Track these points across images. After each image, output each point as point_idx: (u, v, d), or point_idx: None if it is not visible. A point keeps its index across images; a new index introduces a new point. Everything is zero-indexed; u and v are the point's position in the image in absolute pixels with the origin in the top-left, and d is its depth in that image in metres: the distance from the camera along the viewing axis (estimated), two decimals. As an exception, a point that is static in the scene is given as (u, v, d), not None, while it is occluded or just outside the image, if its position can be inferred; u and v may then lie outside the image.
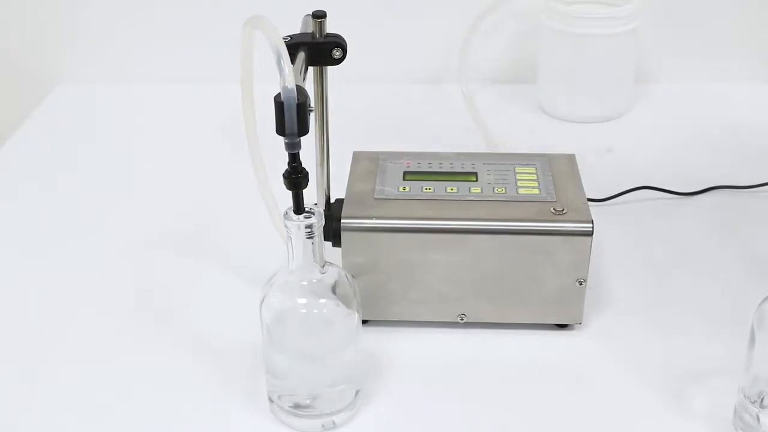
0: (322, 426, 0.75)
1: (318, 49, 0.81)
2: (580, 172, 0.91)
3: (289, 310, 0.74)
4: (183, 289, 0.92)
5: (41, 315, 0.91)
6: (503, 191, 0.87)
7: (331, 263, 0.75)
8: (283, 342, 0.74)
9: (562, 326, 0.86)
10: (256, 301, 0.74)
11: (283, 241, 0.83)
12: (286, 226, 0.71)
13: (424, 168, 0.91)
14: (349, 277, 0.76)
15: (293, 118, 0.68)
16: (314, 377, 0.75)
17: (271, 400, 0.76)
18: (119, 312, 0.89)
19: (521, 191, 0.87)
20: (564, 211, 0.83)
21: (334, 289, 0.74)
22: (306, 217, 0.71)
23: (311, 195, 0.86)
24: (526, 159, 0.93)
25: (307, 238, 0.71)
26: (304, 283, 0.73)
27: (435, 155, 0.94)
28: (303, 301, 0.74)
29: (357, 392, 0.76)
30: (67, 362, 0.84)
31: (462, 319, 0.86)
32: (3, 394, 0.80)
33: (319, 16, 0.80)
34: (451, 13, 1.38)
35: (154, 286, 0.92)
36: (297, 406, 0.75)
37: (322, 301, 0.74)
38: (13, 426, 0.77)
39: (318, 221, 0.71)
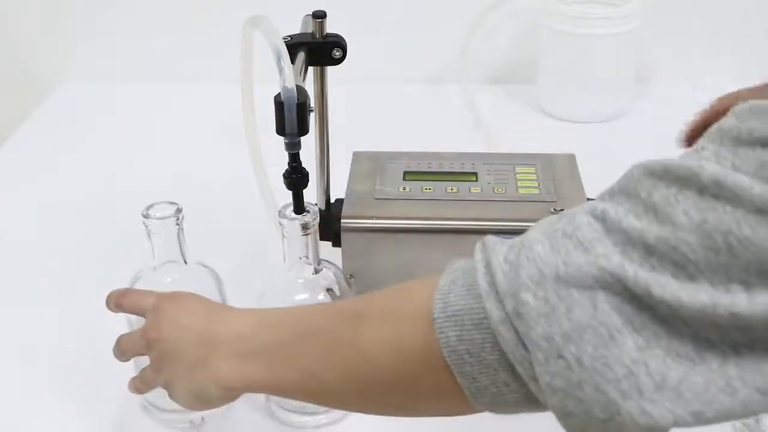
0: (191, 422, 0.76)
1: (318, 49, 0.81)
2: (580, 172, 0.91)
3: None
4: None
5: (42, 315, 0.91)
6: (503, 191, 0.87)
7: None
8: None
9: (562, 326, 0.86)
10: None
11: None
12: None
13: (424, 168, 0.91)
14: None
15: (293, 118, 0.68)
16: None
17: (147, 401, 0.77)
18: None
19: (521, 191, 0.87)
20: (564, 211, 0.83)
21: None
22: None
23: (311, 195, 0.86)
24: (526, 159, 0.93)
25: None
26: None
27: (435, 155, 0.94)
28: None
29: None
30: (67, 363, 0.84)
31: (462, 319, 0.86)
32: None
33: (319, 16, 0.80)
34: (451, 13, 1.38)
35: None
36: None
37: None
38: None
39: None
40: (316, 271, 0.74)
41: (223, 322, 0.62)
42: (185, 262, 0.73)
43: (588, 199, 0.86)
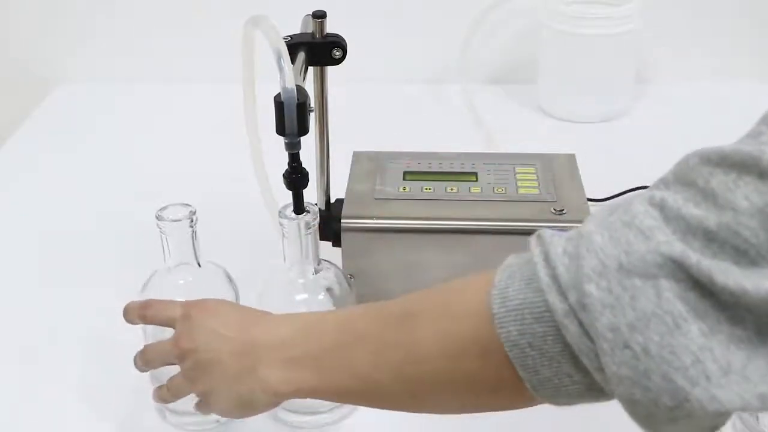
0: (217, 420, 0.76)
1: (318, 49, 0.81)
2: (580, 172, 0.91)
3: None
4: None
5: (42, 315, 0.91)
6: (503, 191, 0.87)
7: (327, 261, 0.75)
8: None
9: (562, 326, 0.86)
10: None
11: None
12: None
13: (424, 168, 0.91)
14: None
15: (293, 118, 0.68)
16: None
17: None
18: (117, 310, 0.89)
19: (521, 191, 0.87)
20: (564, 211, 0.83)
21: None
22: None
23: (311, 195, 0.86)
24: (526, 159, 0.93)
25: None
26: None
27: (435, 155, 0.94)
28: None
29: None
30: (68, 363, 0.84)
31: (462, 319, 0.86)
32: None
33: (319, 16, 0.80)
34: (451, 13, 1.38)
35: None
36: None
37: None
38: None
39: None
40: (316, 271, 0.74)
41: (262, 328, 0.62)
42: (199, 264, 0.73)
43: (588, 200, 0.86)
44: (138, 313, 0.70)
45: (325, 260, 0.75)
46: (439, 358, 0.53)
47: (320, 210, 0.89)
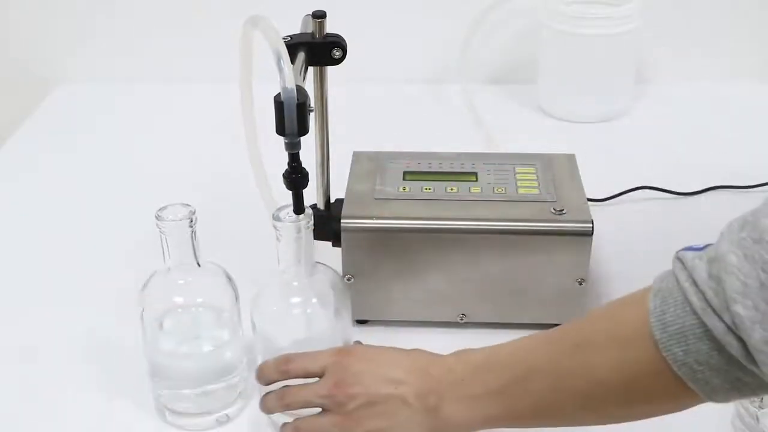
0: (217, 420, 0.76)
1: (318, 49, 0.81)
2: (580, 172, 0.91)
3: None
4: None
5: (42, 315, 0.91)
6: (503, 191, 0.87)
7: (322, 264, 0.75)
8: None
9: (562, 326, 0.86)
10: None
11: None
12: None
13: (424, 168, 0.91)
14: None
15: (293, 118, 0.68)
16: None
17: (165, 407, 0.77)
18: (117, 310, 0.89)
19: (521, 191, 0.87)
20: (564, 211, 0.83)
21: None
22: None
23: (311, 195, 0.86)
24: (526, 159, 0.93)
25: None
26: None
27: (435, 155, 0.94)
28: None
29: None
30: (68, 363, 0.84)
31: (462, 319, 0.86)
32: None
33: (319, 16, 0.80)
34: (451, 13, 1.38)
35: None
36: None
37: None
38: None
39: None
40: (311, 274, 0.74)
41: (439, 368, 0.65)
42: (198, 264, 0.73)
43: (588, 200, 0.86)
44: (279, 369, 0.70)
45: (320, 263, 0.75)
46: (616, 380, 0.57)
47: (320, 210, 0.89)
